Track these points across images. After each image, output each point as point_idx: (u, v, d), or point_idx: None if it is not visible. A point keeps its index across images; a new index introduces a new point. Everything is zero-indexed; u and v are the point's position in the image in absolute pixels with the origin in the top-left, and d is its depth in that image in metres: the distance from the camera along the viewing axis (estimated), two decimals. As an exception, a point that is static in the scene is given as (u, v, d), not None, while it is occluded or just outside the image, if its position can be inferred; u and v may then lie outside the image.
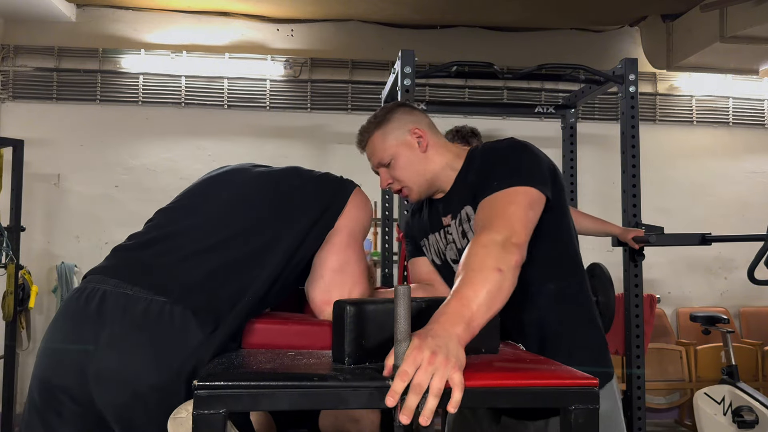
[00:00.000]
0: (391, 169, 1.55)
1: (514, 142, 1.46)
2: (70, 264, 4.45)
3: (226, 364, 1.05)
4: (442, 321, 1.01)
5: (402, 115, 1.57)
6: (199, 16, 4.80)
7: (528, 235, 1.25)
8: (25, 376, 4.47)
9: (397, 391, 0.90)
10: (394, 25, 4.94)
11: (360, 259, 1.39)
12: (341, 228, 1.38)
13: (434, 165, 1.54)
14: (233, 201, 1.39)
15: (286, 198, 1.38)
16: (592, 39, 5.16)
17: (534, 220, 1.31)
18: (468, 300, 1.05)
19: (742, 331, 5.01)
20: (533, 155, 1.42)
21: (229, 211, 1.37)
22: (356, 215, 1.41)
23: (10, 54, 4.64)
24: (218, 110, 4.78)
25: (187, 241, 1.30)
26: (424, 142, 1.54)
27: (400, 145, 1.54)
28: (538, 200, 1.34)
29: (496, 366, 1.00)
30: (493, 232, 1.20)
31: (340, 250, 1.36)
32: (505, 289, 1.11)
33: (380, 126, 1.56)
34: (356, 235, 1.40)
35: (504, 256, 1.15)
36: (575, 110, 3.57)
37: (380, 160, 1.56)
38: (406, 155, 1.54)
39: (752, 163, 5.28)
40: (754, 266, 3.12)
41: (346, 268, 1.36)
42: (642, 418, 2.83)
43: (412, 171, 1.54)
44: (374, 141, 1.56)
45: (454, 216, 1.50)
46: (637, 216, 2.91)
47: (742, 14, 4.17)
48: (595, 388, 0.94)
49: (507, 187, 1.32)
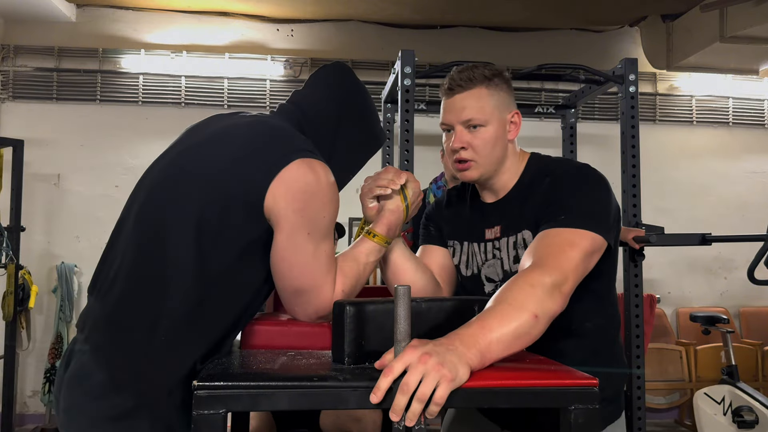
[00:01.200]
0: (474, 135, 1.37)
1: (590, 172, 1.35)
2: (70, 264, 4.45)
3: (225, 364, 1.05)
4: (452, 339, 0.96)
5: (508, 90, 1.41)
6: (199, 16, 4.80)
7: (576, 284, 1.18)
8: (25, 376, 4.47)
9: (381, 388, 0.88)
10: (394, 25, 4.94)
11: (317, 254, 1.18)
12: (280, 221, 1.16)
13: (508, 158, 1.41)
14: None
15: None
16: (592, 39, 5.16)
17: (588, 269, 1.23)
18: (489, 330, 1.00)
19: (742, 331, 5.01)
20: (607, 195, 1.32)
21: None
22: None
23: (10, 54, 4.64)
24: (218, 110, 4.78)
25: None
26: (515, 132, 1.41)
27: (498, 118, 1.37)
28: (599, 249, 1.26)
29: (496, 366, 1.00)
30: (545, 274, 1.12)
31: (284, 259, 1.16)
32: (532, 335, 1.06)
33: (491, 84, 1.37)
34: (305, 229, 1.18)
35: (546, 303, 1.08)
36: (575, 110, 3.56)
37: (471, 118, 1.36)
38: (496, 133, 1.37)
39: (752, 163, 5.28)
40: (754, 266, 3.13)
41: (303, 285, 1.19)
42: (642, 418, 2.83)
43: (492, 151, 1.37)
44: (478, 94, 1.36)
45: (505, 234, 1.39)
46: (637, 216, 2.91)
47: (742, 14, 4.17)
48: (595, 388, 0.93)
49: (573, 226, 1.23)
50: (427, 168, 3.76)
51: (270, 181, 1.13)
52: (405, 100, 2.74)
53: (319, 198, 1.16)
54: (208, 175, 1.17)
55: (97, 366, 1.13)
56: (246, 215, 1.14)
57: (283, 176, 1.13)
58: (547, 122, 4.68)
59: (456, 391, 0.90)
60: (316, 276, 1.18)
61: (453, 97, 1.39)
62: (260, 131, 1.23)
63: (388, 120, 3.47)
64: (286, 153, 1.16)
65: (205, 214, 1.14)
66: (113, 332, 1.15)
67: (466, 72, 1.38)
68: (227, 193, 1.15)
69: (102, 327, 1.17)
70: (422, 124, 3.35)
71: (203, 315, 1.14)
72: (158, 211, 1.18)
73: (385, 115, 3.48)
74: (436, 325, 1.11)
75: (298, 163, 1.15)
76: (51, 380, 4.27)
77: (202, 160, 1.21)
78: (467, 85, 1.37)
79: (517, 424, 1.42)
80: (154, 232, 1.17)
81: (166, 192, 1.20)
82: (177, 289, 1.13)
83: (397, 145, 2.88)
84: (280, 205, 1.13)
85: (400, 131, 2.77)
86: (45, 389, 4.28)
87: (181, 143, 1.29)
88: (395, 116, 3.43)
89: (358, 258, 1.27)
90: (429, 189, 3.29)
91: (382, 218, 1.32)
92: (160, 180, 1.22)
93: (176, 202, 1.17)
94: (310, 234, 1.15)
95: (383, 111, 3.49)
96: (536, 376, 0.99)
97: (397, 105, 2.87)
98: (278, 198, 1.13)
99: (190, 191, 1.17)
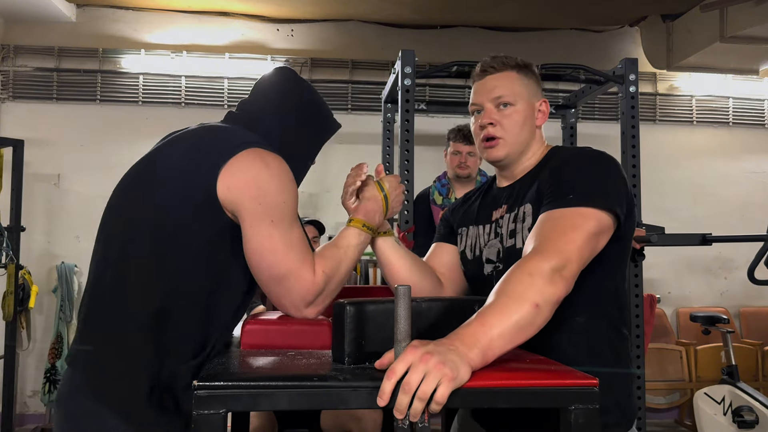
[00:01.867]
0: (503, 114, 1.40)
1: (600, 153, 1.34)
2: (70, 264, 4.45)
3: (225, 364, 1.05)
4: (453, 339, 0.96)
5: (537, 81, 1.46)
6: (199, 16, 4.80)
7: (580, 268, 1.14)
8: (25, 376, 4.47)
9: (386, 391, 0.88)
10: (394, 25, 4.94)
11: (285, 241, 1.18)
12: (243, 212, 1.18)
13: (534, 143, 1.43)
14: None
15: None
16: (592, 39, 5.16)
17: (595, 252, 1.18)
18: (489, 326, 0.98)
19: (742, 331, 5.01)
20: (617, 172, 1.29)
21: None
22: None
23: (10, 54, 4.64)
24: (218, 110, 4.78)
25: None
26: (542, 119, 1.44)
27: (527, 102, 1.41)
28: (607, 229, 1.21)
29: (496, 366, 1.00)
30: (544, 260, 1.09)
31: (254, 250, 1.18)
32: (536, 324, 1.04)
33: (521, 70, 1.42)
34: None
35: (547, 289, 1.05)
36: (575, 110, 3.57)
37: (502, 95, 1.39)
38: (525, 115, 1.41)
39: (752, 163, 5.28)
40: (754, 266, 3.13)
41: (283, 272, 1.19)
42: (642, 418, 2.83)
43: (521, 131, 1.40)
44: (509, 77, 1.41)
45: (510, 209, 1.38)
46: (638, 216, 2.91)
47: (742, 14, 4.17)
48: (595, 388, 0.93)
49: (577, 205, 1.19)
50: (427, 168, 3.76)
51: (218, 172, 1.15)
52: (405, 100, 2.74)
53: (274, 184, 1.17)
54: (161, 177, 1.21)
55: (76, 374, 1.18)
56: (201, 213, 1.16)
57: (233, 165, 1.16)
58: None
59: (456, 391, 0.90)
60: (290, 261, 1.18)
61: (484, 78, 1.43)
62: (206, 132, 1.27)
63: (388, 120, 3.47)
64: (233, 146, 1.19)
65: (160, 217, 1.18)
66: (86, 341, 1.20)
67: (498, 58, 1.43)
68: (180, 192, 1.17)
69: (77, 338, 1.22)
70: (422, 124, 3.35)
71: (171, 317, 1.17)
72: (118, 220, 1.27)
73: (385, 115, 3.48)
74: (437, 325, 1.11)
75: (245, 153, 1.17)
76: (51, 380, 4.27)
77: (156, 165, 1.26)
78: (500, 68, 1.41)
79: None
80: (116, 240, 1.24)
81: (124, 199, 1.27)
82: (139, 292, 1.17)
83: (397, 145, 2.88)
84: (235, 194, 1.15)
85: (400, 131, 2.77)
86: (45, 389, 4.27)
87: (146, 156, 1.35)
88: (395, 116, 3.43)
89: (337, 243, 1.30)
90: (433, 187, 3.30)
91: (359, 205, 1.36)
92: (122, 188, 1.30)
93: (132, 213, 1.23)
94: (273, 222, 1.16)
95: (383, 111, 3.49)
96: (536, 376, 0.98)
97: (397, 105, 2.87)
98: (232, 188, 1.15)
99: (147, 195, 1.21)
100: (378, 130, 3.64)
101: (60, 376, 4.26)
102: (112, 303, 1.19)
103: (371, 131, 4.54)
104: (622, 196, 1.26)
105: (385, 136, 3.48)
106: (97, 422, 1.13)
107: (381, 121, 3.53)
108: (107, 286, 1.21)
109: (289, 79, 1.40)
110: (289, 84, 1.40)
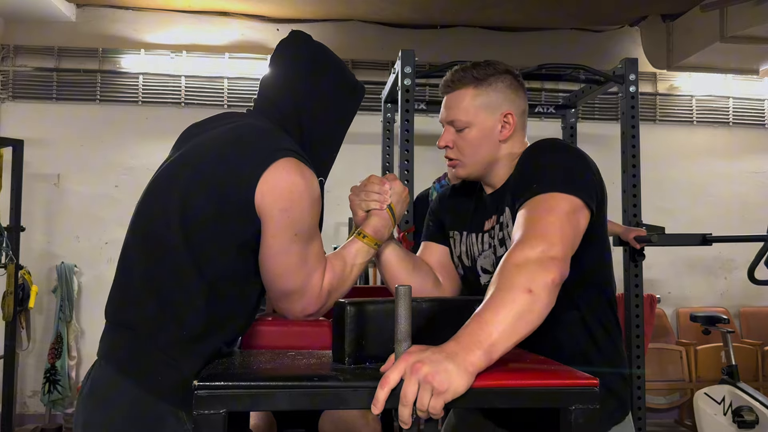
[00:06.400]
0: (459, 136, 1.38)
1: (557, 141, 1.36)
2: (70, 264, 4.44)
3: (226, 364, 1.05)
4: (452, 343, 0.95)
5: (505, 90, 1.39)
6: (199, 16, 4.80)
7: (568, 248, 1.13)
8: (25, 376, 4.47)
9: (380, 400, 0.89)
10: (394, 25, 4.94)
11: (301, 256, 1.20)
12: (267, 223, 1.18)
13: (501, 154, 1.39)
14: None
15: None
16: (592, 39, 5.16)
17: (576, 232, 1.18)
18: (486, 323, 0.97)
19: (742, 331, 5.01)
20: (577, 162, 1.29)
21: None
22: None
23: (10, 54, 4.64)
24: (218, 110, 4.74)
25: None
26: (507, 132, 1.38)
27: (483, 120, 1.37)
28: (581, 209, 1.20)
29: (496, 366, 1.00)
30: (527, 248, 1.09)
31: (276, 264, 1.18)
32: (536, 311, 1.02)
33: (479, 85, 1.37)
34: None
35: (537, 275, 1.04)
36: (575, 110, 3.57)
37: (454, 119, 1.37)
38: (482, 134, 1.37)
39: (752, 163, 5.28)
40: (754, 266, 3.13)
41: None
42: (642, 418, 2.83)
43: (478, 152, 1.37)
44: (462, 96, 1.37)
45: (498, 219, 1.37)
46: (638, 216, 2.91)
47: (742, 14, 4.17)
48: (595, 388, 0.93)
49: (543, 192, 1.20)
50: (427, 168, 3.76)
51: (259, 175, 1.14)
52: (405, 100, 2.74)
53: (305, 199, 1.17)
54: (198, 177, 1.19)
55: (115, 372, 1.16)
56: (238, 213, 1.15)
57: (271, 172, 1.15)
58: (548, 122, 4.67)
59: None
60: (303, 278, 1.19)
61: (444, 96, 1.42)
62: (246, 131, 1.26)
63: (388, 120, 3.47)
64: (273, 150, 1.18)
65: (199, 215, 1.16)
66: (123, 334, 1.18)
67: (457, 73, 1.39)
68: (219, 192, 1.16)
69: (110, 334, 1.21)
70: (422, 124, 3.35)
71: (210, 310, 1.16)
72: (153, 214, 1.22)
73: (385, 115, 3.48)
74: (437, 325, 1.11)
75: (284, 162, 1.16)
76: (51, 380, 4.26)
77: (192, 163, 1.23)
78: (454, 86, 1.39)
79: (515, 424, 1.40)
80: (153, 233, 1.20)
81: (161, 196, 1.23)
82: (180, 290, 1.15)
83: (397, 145, 2.88)
84: (267, 201, 1.14)
85: (400, 131, 2.77)
86: (45, 389, 4.27)
87: (177, 148, 1.32)
88: (395, 116, 3.43)
89: (346, 258, 1.29)
90: (432, 188, 3.29)
91: (369, 221, 1.35)
92: (157, 185, 1.26)
93: (167, 210, 1.19)
94: (297, 235, 1.16)
95: (383, 111, 3.49)
96: (536, 376, 0.98)
97: (397, 105, 2.87)
98: (265, 194, 1.14)
99: (182, 196, 1.18)
100: (378, 130, 3.64)
101: (60, 376, 4.26)
102: (144, 295, 1.17)
103: (371, 131, 4.53)
104: (587, 182, 1.26)
105: (385, 136, 3.48)
106: (147, 409, 1.12)
107: (381, 121, 3.53)
108: (147, 278, 1.19)
109: (312, 51, 1.49)
110: (313, 59, 1.47)
